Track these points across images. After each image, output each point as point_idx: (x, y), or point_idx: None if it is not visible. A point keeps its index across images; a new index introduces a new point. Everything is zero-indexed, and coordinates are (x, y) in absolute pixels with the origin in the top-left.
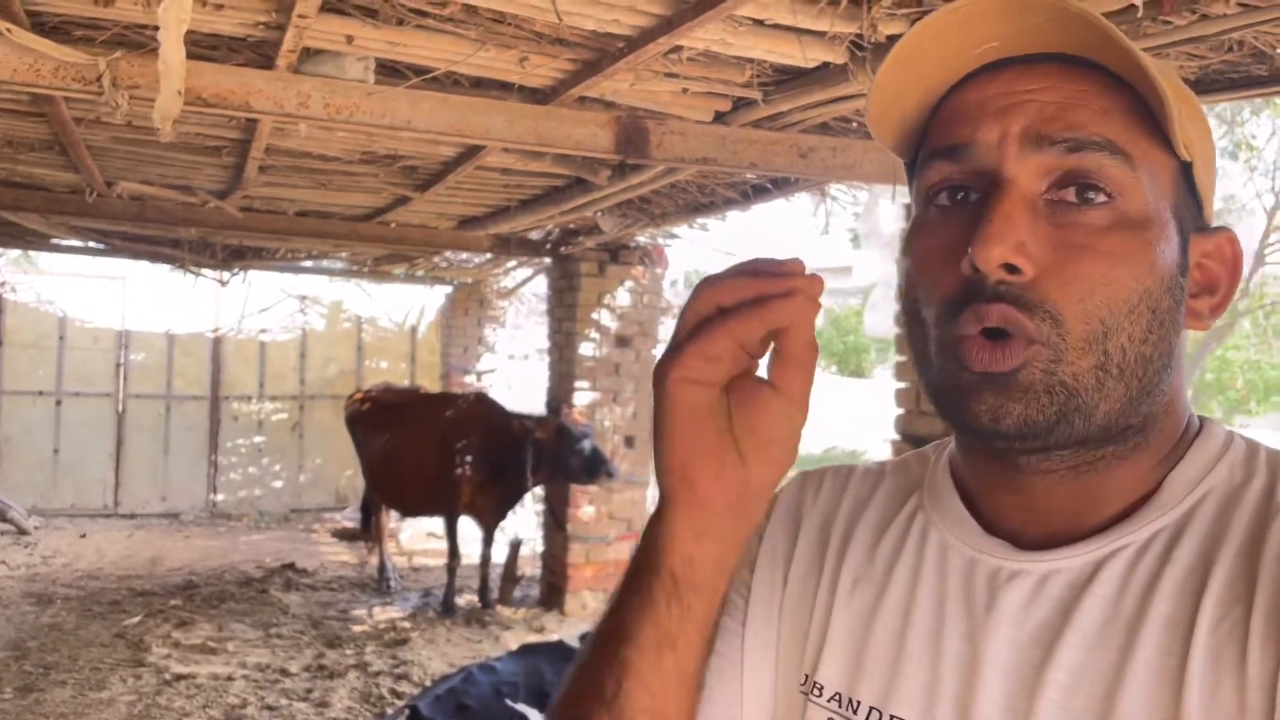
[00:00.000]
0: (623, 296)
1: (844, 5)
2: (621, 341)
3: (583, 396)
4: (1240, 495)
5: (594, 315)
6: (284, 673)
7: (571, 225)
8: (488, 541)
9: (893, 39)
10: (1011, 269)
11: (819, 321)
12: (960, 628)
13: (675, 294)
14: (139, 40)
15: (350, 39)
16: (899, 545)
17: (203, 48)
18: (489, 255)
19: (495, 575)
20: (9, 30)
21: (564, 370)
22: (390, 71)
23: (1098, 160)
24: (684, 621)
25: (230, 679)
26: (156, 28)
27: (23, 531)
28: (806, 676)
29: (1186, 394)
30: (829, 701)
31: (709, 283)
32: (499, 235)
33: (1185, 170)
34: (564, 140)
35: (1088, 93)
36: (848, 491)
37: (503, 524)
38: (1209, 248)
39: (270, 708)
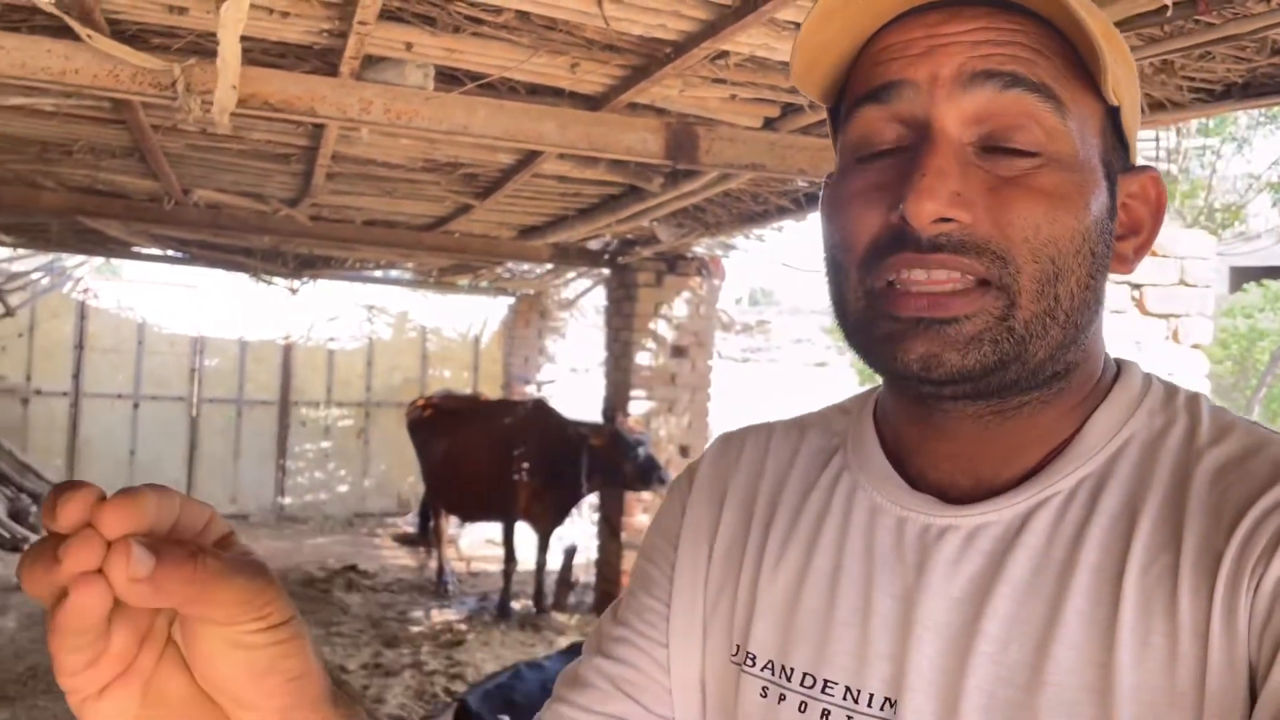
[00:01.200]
0: (679, 307)
1: None
2: (678, 352)
3: (639, 406)
4: (1162, 440)
5: (651, 325)
6: (343, 669)
7: (629, 235)
8: (543, 548)
9: None
10: (946, 221)
11: None
12: (891, 587)
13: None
14: (211, 48)
15: (409, 46)
16: (824, 507)
17: (272, 55)
18: (549, 266)
19: (550, 581)
20: (90, 36)
21: (620, 379)
22: (449, 78)
23: (1031, 102)
24: None
25: None
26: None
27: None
28: (738, 647)
29: (1102, 335)
30: (762, 670)
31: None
32: (558, 245)
33: (1113, 114)
34: (615, 145)
35: (1021, 33)
36: (770, 453)
37: (559, 530)
38: (1134, 189)
39: None
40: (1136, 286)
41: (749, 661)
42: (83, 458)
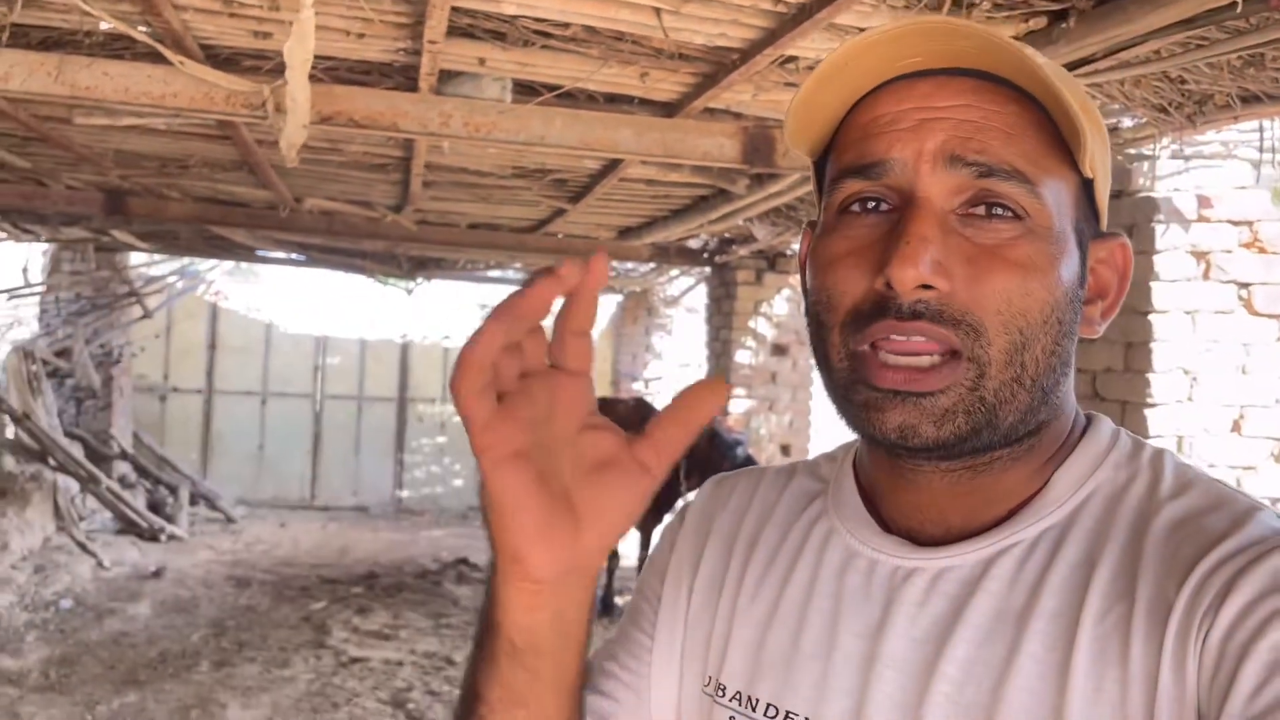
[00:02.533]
0: (780, 305)
1: (946, 8)
2: (778, 350)
3: (739, 404)
4: (1123, 494)
5: (751, 323)
6: (449, 661)
7: (727, 234)
8: (644, 544)
9: None
10: (927, 288)
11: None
12: (856, 625)
13: None
14: None
15: (483, 61)
16: (801, 546)
17: (356, 74)
18: (652, 265)
19: None
20: (182, 63)
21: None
22: (527, 91)
23: (1007, 188)
24: (531, 683)
25: (400, 664)
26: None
27: (229, 520)
28: (711, 678)
29: (1072, 393)
30: (730, 700)
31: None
32: (657, 245)
33: (1087, 185)
34: (690, 151)
35: (1002, 113)
36: (757, 495)
37: (660, 527)
38: (1102, 254)
39: (433, 693)
40: (1245, 285)
41: (720, 692)
42: (215, 452)
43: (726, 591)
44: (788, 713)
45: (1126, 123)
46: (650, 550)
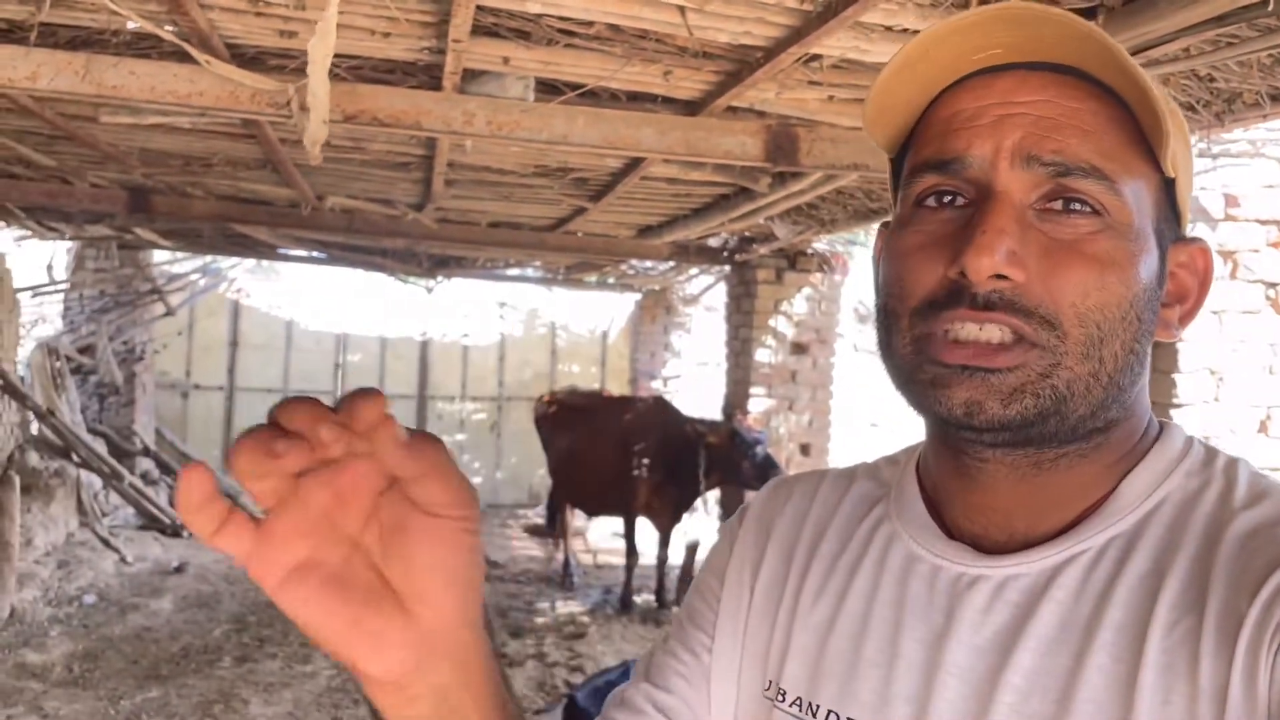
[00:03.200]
0: (800, 304)
1: (974, 5)
2: (798, 349)
3: (758, 403)
4: (1195, 502)
5: (771, 322)
6: None
7: (747, 233)
8: (664, 543)
9: None
10: (1002, 278)
11: None
12: (919, 632)
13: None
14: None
15: (507, 60)
16: (862, 552)
17: (380, 72)
18: (671, 263)
19: (672, 576)
20: (208, 62)
21: (740, 377)
22: (550, 89)
23: (1084, 185)
24: None
25: None
26: (335, 55)
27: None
28: (771, 682)
29: (1147, 396)
30: (790, 706)
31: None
32: (676, 243)
33: (1168, 184)
34: (713, 150)
35: (1082, 110)
36: (817, 499)
37: (680, 526)
38: (1183, 258)
39: None
40: (1272, 285)
41: (780, 697)
42: None
43: (786, 597)
44: (848, 719)
45: None
46: (669, 549)
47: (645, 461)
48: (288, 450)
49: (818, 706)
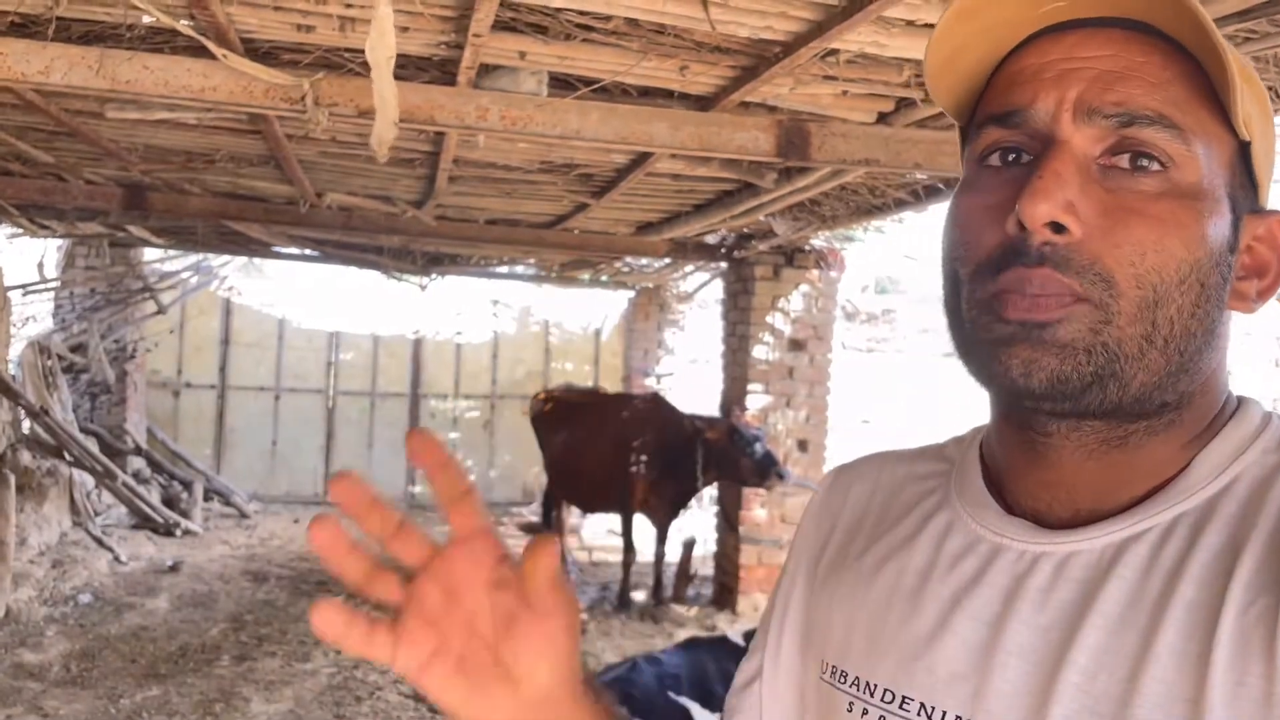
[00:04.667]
0: (797, 300)
1: None
2: (795, 345)
3: (756, 400)
4: (1273, 479)
5: (768, 319)
6: None
7: (745, 229)
8: (661, 539)
9: None
10: (1058, 229)
11: None
12: (977, 611)
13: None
14: (338, 62)
15: (523, 55)
16: (918, 531)
17: (395, 67)
18: (667, 260)
19: (670, 573)
20: (225, 56)
21: (737, 373)
22: (562, 84)
23: (1150, 134)
24: None
25: None
26: (349, 50)
27: (243, 515)
28: (832, 665)
29: (1226, 373)
30: (850, 686)
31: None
32: (675, 240)
33: (1244, 150)
34: (725, 145)
35: (1149, 63)
36: (880, 482)
37: (677, 523)
38: (1260, 231)
39: None
40: None
41: (840, 678)
42: (229, 447)
43: (846, 579)
44: (904, 698)
45: None
46: (666, 545)
47: (643, 458)
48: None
49: (875, 685)
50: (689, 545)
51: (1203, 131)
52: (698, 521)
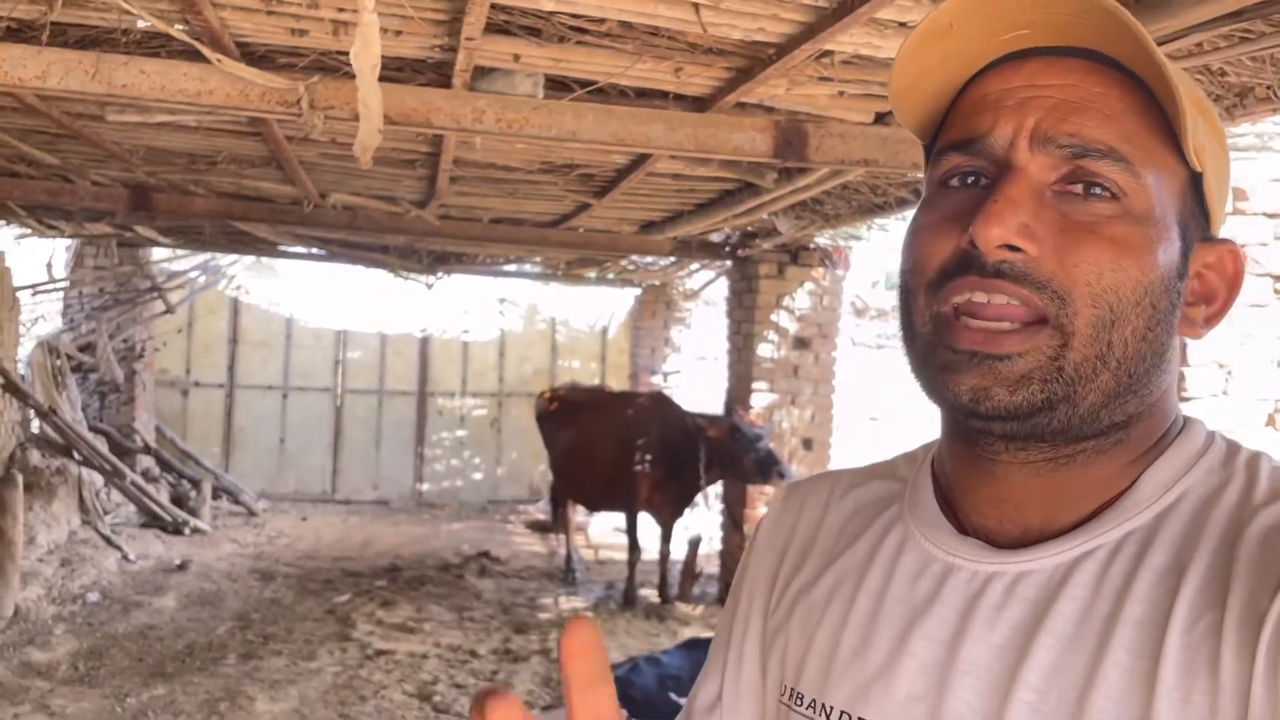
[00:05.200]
0: (802, 298)
1: None
2: (800, 344)
3: (761, 398)
4: (1217, 498)
5: (773, 317)
6: (473, 654)
7: (750, 228)
8: (665, 538)
9: None
10: (1013, 249)
11: None
12: (931, 632)
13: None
14: (333, 65)
15: (517, 57)
16: (873, 553)
17: (390, 70)
18: (673, 259)
19: (675, 571)
20: (219, 61)
21: (742, 372)
22: (559, 86)
23: (1101, 166)
24: None
25: (425, 657)
26: (343, 53)
27: (251, 514)
28: (789, 688)
29: (1174, 396)
30: (806, 709)
31: None
32: (679, 239)
33: (1196, 180)
34: (722, 146)
35: (1105, 95)
36: (831, 502)
37: (682, 521)
38: (1210, 259)
39: (459, 686)
40: (1279, 278)
41: (796, 700)
42: (237, 446)
43: (801, 602)
44: (859, 719)
45: None
46: (670, 544)
47: (646, 457)
48: None
49: (831, 708)
50: (695, 544)
51: (1154, 163)
52: (704, 520)
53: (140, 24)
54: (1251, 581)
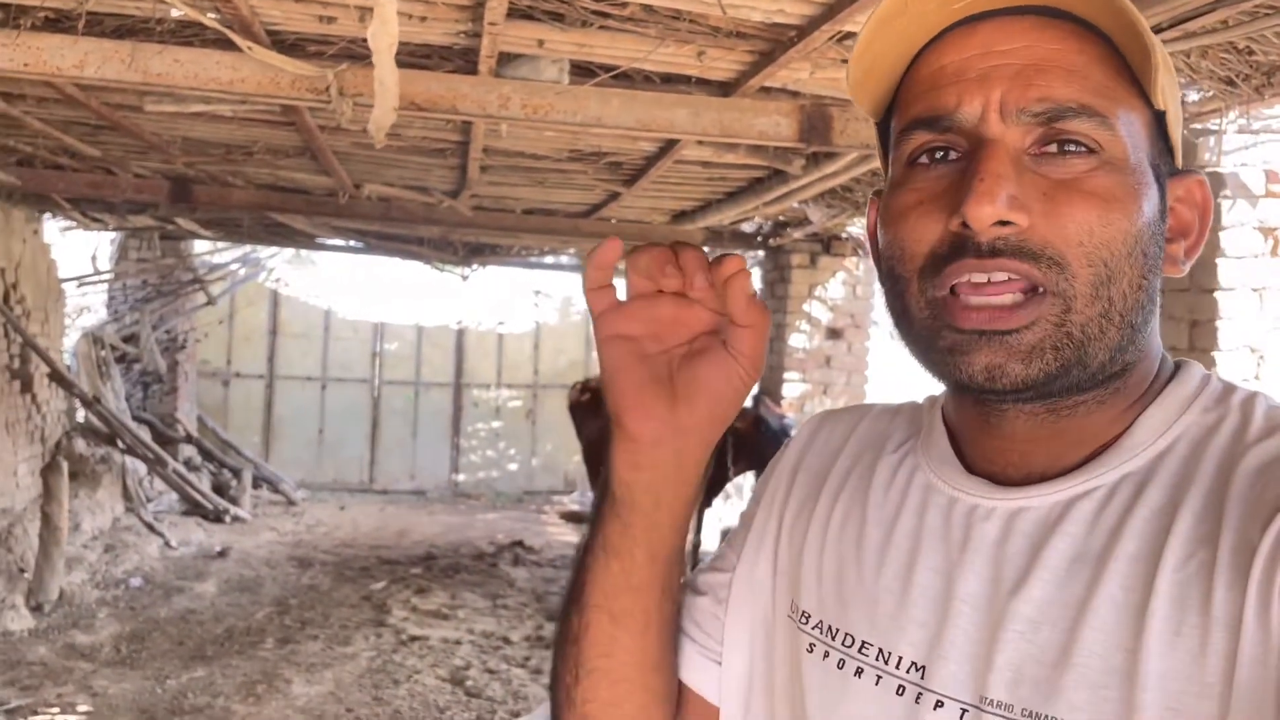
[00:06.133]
0: (835, 288)
1: None
2: (833, 333)
3: (792, 388)
4: (1210, 437)
5: (805, 307)
6: (506, 640)
7: (781, 217)
8: (696, 528)
9: None
10: (1005, 225)
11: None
12: (934, 562)
13: None
14: (362, 53)
15: (541, 43)
16: (888, 484)
17: (417, 57)
18: (705, 249)
19: (706, 561)
20: (250, 48)
21: (774, 362)
22: (584, 72)
23: (1075, 125)
24: (623, 536)
25: (458, 643)
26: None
27: (291, 502)
28: (796, 605)
29: (1158, 334)
30: (813, 629)
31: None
32: (711, 228)
33: (1159, 118)
34: (747, 130)
35: (1064, 50)
36: (855, 432)
37: (710, 510)
38: (1180, 192)
39: (491, 671)
40: (1269, 230)
41: (803, 619)
42: (276, 435)
43: (815, 523)
44: (863, 642)
45: (1192, 96)
46: (700, 533)
47: None
48: (673, 276)
49: (836, 630)
50: (726, 534)
51: (1123, 110)
52: (735, 510)
53: (174, 13)
54: (1243, 516)
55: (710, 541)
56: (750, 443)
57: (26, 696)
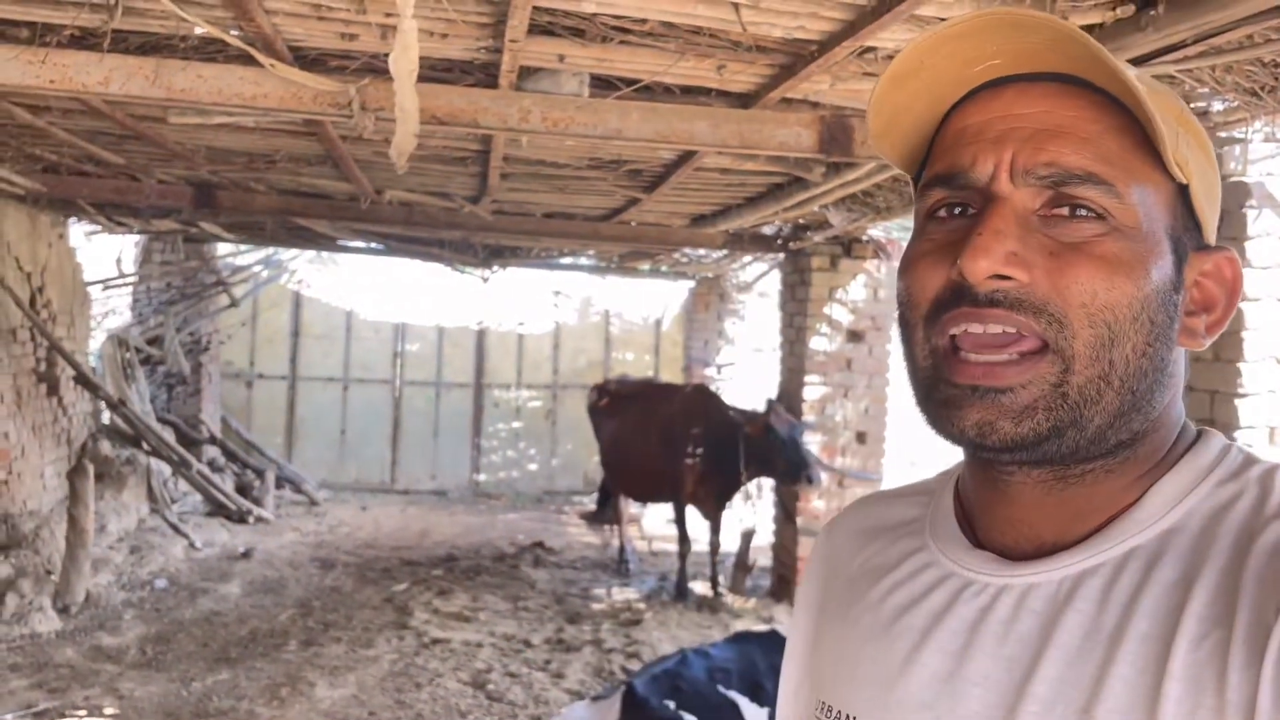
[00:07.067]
0: (855, 290)
1: (1028, 1)
2: (854, 336)
3: (813, 391)
4: (1226, 512)
5: (825, 310)
6: (527, 643)
7: (801, 220)
8: (714, 530)
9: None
10: (1004, 279)
11: None
12: (943, 643)
13: None
14: (382, 68)
15: (562, 58)
16: (896, 567)
17: (438, 71)
18: (725, 252)
19: (728, 564)
20: (273, 65)
21: (794, 365)
22: (605, 85)
23: (1082, 191)
24: None
25: (480, 646)
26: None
27: (313, 503)
28: (821, 702)
29: (1180, 407)
30: (822, 714)
31: None
32: (731, 232)
33: (1183, 192)
34: (767, 142)
35: (1079, 118)
36: (865, 526)
37: (730, 513)
38: (1207, 267)
39: (512, 675)
40: None
41: (825, 711)
42: (299, 436)
43: (835, 618)
44: None
45: (1217, 106)
46: (719, 536)
47: (690, 449)
48: None
49: (852, 717)
50: (747, 536)
51: (1137, 179)
52: (756, 512)
53: (197, 30)
54: (1259, 597)
55: (729, 543)
56: (760, 447)
57: (54, 699)
